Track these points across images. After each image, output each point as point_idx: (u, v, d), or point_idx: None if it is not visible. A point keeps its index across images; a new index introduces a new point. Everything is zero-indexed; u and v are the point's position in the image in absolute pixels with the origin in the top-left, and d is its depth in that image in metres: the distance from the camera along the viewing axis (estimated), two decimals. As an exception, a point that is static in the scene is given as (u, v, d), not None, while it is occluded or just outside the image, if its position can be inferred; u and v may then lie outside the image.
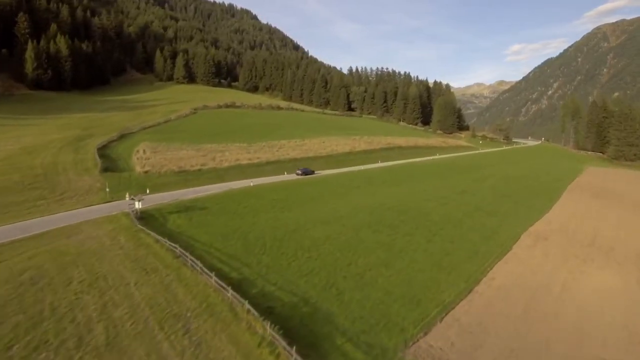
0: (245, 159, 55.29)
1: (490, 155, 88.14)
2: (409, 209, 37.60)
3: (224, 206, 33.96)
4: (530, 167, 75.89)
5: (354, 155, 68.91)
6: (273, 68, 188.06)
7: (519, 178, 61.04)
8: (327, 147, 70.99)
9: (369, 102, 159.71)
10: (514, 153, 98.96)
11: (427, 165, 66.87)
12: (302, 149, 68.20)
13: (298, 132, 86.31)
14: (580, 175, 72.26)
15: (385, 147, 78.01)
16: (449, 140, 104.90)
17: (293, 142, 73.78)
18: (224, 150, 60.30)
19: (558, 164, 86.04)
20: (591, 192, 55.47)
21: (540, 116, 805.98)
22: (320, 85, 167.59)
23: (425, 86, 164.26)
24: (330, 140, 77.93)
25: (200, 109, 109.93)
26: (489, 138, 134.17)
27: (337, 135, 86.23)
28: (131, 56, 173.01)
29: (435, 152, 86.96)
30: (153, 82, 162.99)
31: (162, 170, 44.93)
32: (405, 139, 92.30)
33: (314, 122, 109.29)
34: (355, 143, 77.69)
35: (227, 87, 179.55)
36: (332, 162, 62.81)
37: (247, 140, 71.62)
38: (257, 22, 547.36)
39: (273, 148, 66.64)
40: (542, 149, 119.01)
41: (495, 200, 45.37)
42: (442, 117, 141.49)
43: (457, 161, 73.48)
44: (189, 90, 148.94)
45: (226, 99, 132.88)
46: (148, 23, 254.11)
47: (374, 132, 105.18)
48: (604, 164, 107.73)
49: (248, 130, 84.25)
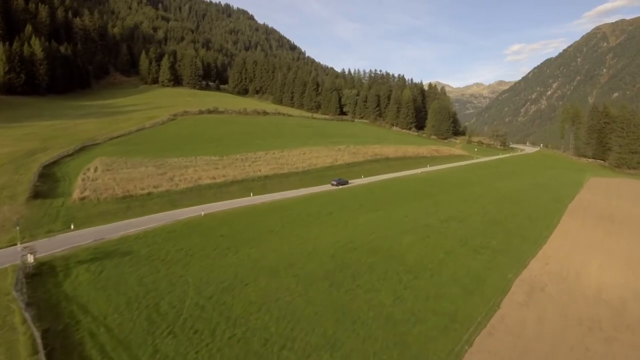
0: (208, 178, 49.50)
1: (484, 167, 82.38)
2: (381, 247, 31.85)
3: (154, 249, 28.20)
4: (526, 181, 70.17)
5: (335, 170, 63.13)
6: (264, 70, 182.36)
7: (513, 197, 55.32)
8: (306, 160, 65.25)
9: (361, 106, 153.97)
10: (510, 163, 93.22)
11: (413, 180, 61.10)
12: (278, 162, 62.46)
13: (279, 142, 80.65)
14: (581, 191, 66.55)
15: (371, 158, 72.28)
16: (441, 148, 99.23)
17: (270, 154, 68.06)
18: (189, 166, 54.54)
19: (557, 177, 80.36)
20: (594, 215, 49.74)
21: (540, 117, 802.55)
22: (312, 89, 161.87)
23: (419, 89, 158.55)
24: (311, 152, 72.23)
25: (180, 115, 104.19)
26: (485, 144, 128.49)
27: (320, 144, 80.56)
28: (115, 58, 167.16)
29: (425, 162, 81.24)
30: (137, 85, 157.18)
31: (102, 195, 39.12)
32: (394, 149, 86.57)
33: (300, 129, 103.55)
34: (338, 155, 71.95)
35: (216, 90, 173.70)
36: (308, 178, 57.08)
37: (220, 152, 65.93)
38: (254, 22, 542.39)
39: (246, 162, 60.90)
40: (541, 157, 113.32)
41: (486, 230, 39.62)
42: (436, 122, 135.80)
43: (447, 175, 67.70)
44: (173, 94, 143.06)
45: (210, 103, 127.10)
46: (137, 24, 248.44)
47: (363, 139, 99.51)
48: (606, 173, 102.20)
49: (225, 140, 78.57)
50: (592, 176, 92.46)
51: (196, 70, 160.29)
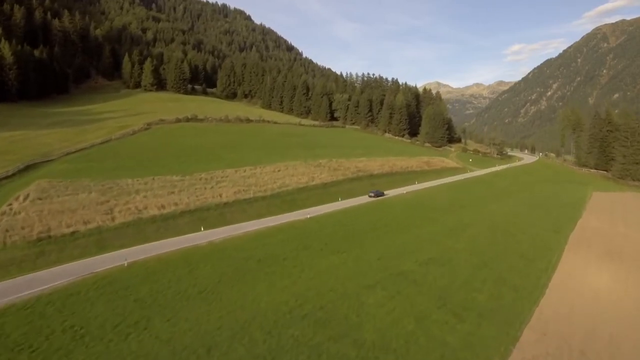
0: (156, 207, 43.05)
1: (478, 184, 75.86)
2: (335, 313, 25.41)
3: (35, 327, 21.78)
4: (523, 201, 63.73)
5: (310, 191, 56.72)
6: (253, 73, 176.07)
7: (507, 226, 48.85)
8: (278, 180, 58.81)
9: (352, 111, 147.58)
10: (506, 178, 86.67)
11: (395, 204, 54.59)
12: (245, 183, 56.03)
13: (255, 155, 74.25)
14: (584, 213, 60.15)
15: (352, 176, 65.81)
16: (433, 160, 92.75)
17: (241, 172, 61.65)
18: (140, 191, 48.10)
19: (557, 194, 73.95)
20: (600, 250, 43.29)
21: (540, 117, 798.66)
22: (301, 93, 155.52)
23: (414, 94, 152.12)
24: (287, 168, 65.80)
25: (155, 124, 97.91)
26: (481, 153, 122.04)
27: (300, 158, 74.13)
28: (98, 61, 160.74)
29: (414, 178, 74.79)
30: (119, 89, 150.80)
31: (12, 238, 32.69)
32: (380, 162, 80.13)
33: (282, 139, 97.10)
34: (316, 172, 65.51)
35: (202, 94, 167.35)
36: (277, 203, 50.66)
37: (184, 170, 59.55)
38: (250, 23, 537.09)
39: (209, 183, 54.47)
40: (540, 169, 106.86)
41: (472, 276, 33.22)
42: (430, 128, 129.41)
43: (435, 196, 61.17)
44: (155, 100, 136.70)
45: (192, 110, 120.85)
46: (126, 24, 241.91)
47: (349, 150, 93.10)
48: (609, 186, 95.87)
49: (195, 154, 72.09)
50: (595, 190, 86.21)
51: (181, 74, 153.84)
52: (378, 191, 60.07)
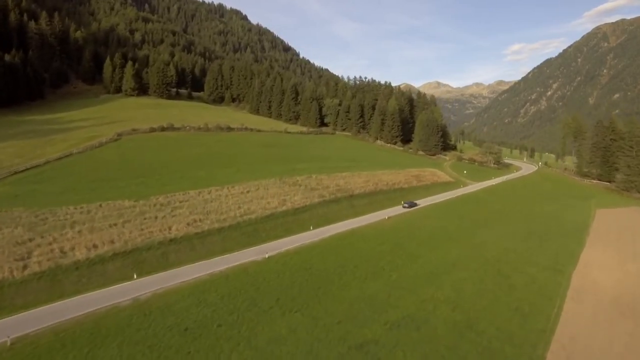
0: (85, 248, 36.45)
1: (469, 204, 68.99)
2: None
3: None
4: (518, 228, 57.01)
5: (278, 219, 50.13)
6: (241, 77, 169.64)
7: (499, 265, 42.19)
8: (243, 205, 52.23)
9: (343, 117, 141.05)
10: (501, 196, 79.86)
11: (370, 237, 47.71)
12: (205, 209, 49.47)
13: (226, 172, 67.69)
14: (587, 241, 53.67)
15: (329, 197, 59.19)
16: (424, 172, 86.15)
17: (204, 194, 55.10)
18: (77, 223, 41.54)
19: (557, 216, 67.33)
20: (608, 297, 36.77)
21: (540, 118, 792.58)
22: (290, 97, 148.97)
23: (407, 98, 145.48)
24: (257, 189, 59.22)
25: (126, 134, 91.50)
26: (477, 162, 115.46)
27: (275, 175, 67.55)
28: (78, 65, 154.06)
29: (401, 197, 68.18)
30: (99, 94, 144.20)
31: None
32: (365, 177, 73.55)
33: (262, 150, 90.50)
34: (290, 193, 58.93)
35: (188, 98, 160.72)
36: (234, 237, 44.06)
37: (140, 193, 53.02)
38: (246, 23, 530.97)
39: (162, 210, 47.89)
40: (539, 181, 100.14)
41: (452, 349, 26.67)
42: (424, 136, 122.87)
43: (419, 224, 54.33)
44: (134, 106, 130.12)
45: (173, 117, 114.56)
46: (114, 26, 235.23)
47: (334, 162, 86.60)
48: (613, 200, 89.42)
49: (159, 172, 65.50)
50: (599, 207, 79.76)
51: (164, 78, 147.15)
52: (411, 202, 65.35)
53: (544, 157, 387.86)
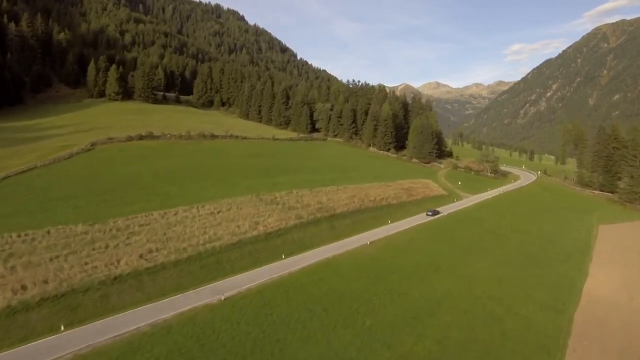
0: (11, 290, 31.31)
1: (463, 223, 63.75)
2: None
3: None
4: (515, 254, 51.99)
5: (246, 247, 45.03)
6: (231, 80, 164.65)
7: (491, 304, 37.14)
8: (211, 228, 47.21)
9: (335, 122, 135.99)
10: (497, 211, 74.68)
11: (346, 270, 42.35)
12: (166, 235, 44.44)
13: (199, 188, 62.60)
14: (590, 268, 48.71)
15: (309, 218, 54.07)
16: (416, 184, 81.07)
17: (170, 215, 50.02)
18: (14, 256, 36.47)
19: (557, 235, 62.36)
20: (616, 345, 31.82)
21: (539, 119, 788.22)
22: (281, 102, 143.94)
23: (401, 103, 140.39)
24: (231, 208, 54.17)
25: (101, 143, 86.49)
26: (473, 171, 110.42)
27: (254, 190, 62.52)
28: (62, 68, 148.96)
29: (388, 216, 63.09)
30: (82, 99, 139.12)
31: None
32: (351, 192, 68.52)
33: (244, 161, 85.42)
34: (265, 212, 53.90)
35: (175, 102, 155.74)
36: (193, 270, 38.98)
37: (98, 214, 48.04)
38: (243, 24, 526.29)
39: (118, 236, 42.88)
40: (538, 193, 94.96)
41: None
42: (418, 143, 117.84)
43: (404, 250, 49.11)
44: (117, 111, 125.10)
45: (156, 122, 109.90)
46: (104, 27, 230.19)
47: (319, 174, 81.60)
48: (616, 213, 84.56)
49: (125, 188, 60.29)
50: (601, 222, 74.92)
51: (150, 82, 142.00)
52: (434, 210, 67.94)
53: (543, 159, 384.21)
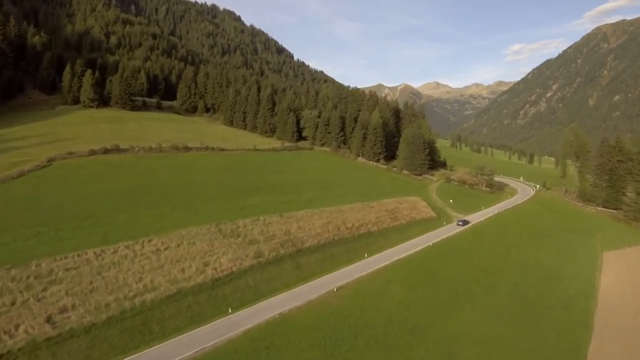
0: None
1: (449, 256, 56.09)
2: None
3: None
4: (507, 302, 44.60)
5: (186, 298, 37.75)
6: (216, 84, 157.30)
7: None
8: (148, 274, 39.96)
9: (322, 130, 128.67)
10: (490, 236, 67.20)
11: (304, 330, 35.03)
12: (91, 285, 37.14)
13: (154, 215, 55.35)
14: (595, 317, 41.50)
15: (270, 256, 46.71)
16: (402, 206, 73.62)
17: (104, 257, 42.58)
18: None
19: (556, 271, 55.09)
20: None
21: (539, 119, 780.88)
22: (266, 108, 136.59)
23: (393, 110, 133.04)
24: (181, 244, 46.85)
25: (60, 159, 79.34)
26: (467, 184, 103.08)
27: (215, 219, 55.27)
28: (37, 73, 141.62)
29: (366, 246, 55.84)
30: (56, 105, 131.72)
31: None
32: (327, 217, 61.21)
33: (217, 177, 78.13)
34: (220, 250, 46.57)
35: (157, 109, 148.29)
36: (112, 337, 31.70)
37: (19, 256, 40.92)
38: (239, 24, 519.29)
39: (31, 289, 35.71)
40: (537, 211, 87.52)
41: None
42: (409, 153, 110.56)
43: (372, 304, 41.26)
44: (88, 120, 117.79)
45: (131, 132, 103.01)
46: (89, 28, 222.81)
47: (296, 192, 74.37)
48: (621, 234, 77.39)
49: (65, 217, 52.84)
50: (606, 248, 67.76)
51: (128, 87, 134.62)
52: (465, 220, 72.23)
53: (543, 162, 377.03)
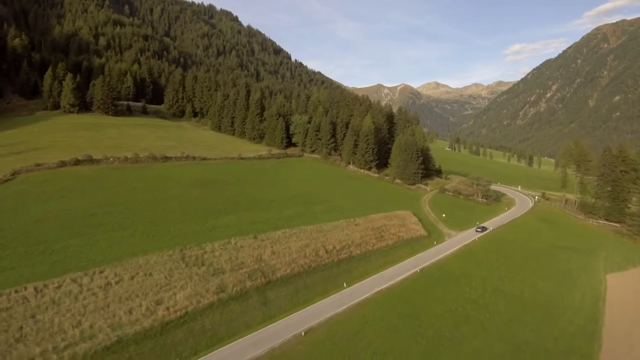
0: None
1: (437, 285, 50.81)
2: None
3: None
4: (499, 346, 39.35)
5: (128, 348, 32.57)
6: (205, 88, 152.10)
7: None
8: (87, 319, 34.73)
9: (313, 136, 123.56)
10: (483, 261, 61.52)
11: None
12: (17, 334, 31.97)
13: (112, 239, 50.11)
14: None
15: (234, 292, 41.46)
16: (390, 223, 68.37)
17: (45, 294, 37.46)
18: None
19: (555, 296, 49.92)
20: None
21: (539, 120, 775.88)
22: (255, 113, 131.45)
23: (386, 115, 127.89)
24: (135, 275, 41.64)
25: (26, 171, 74.26)
26: (462, 195, 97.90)
27: (179, 242, 50.19)
28: (16, 77, 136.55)
29: (346, 273, 50.69)
30: (36, 111, 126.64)
31: None
32: (306, 239, 56.05)
33: (191, 191, 72.89)
34: (177, 284, 41.37)
35: (142, 113, 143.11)
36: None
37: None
38: (236, 25, 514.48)
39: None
40: (535, 226, 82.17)
41: None
42: (402, 162, 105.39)
43: (345, 347, 36.16)
44: (66, 127, 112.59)
45: (110, 139, 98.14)
46: (77, 30, 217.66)
47: (276, 209, 69.18)
48: (626, 251, 72.27)
49: (11, 244, 47.46)
50: (609, 268, 62.64)
51: (110, 92, 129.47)
52: (483, 227, 73.55)
53: (543, 163, 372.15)
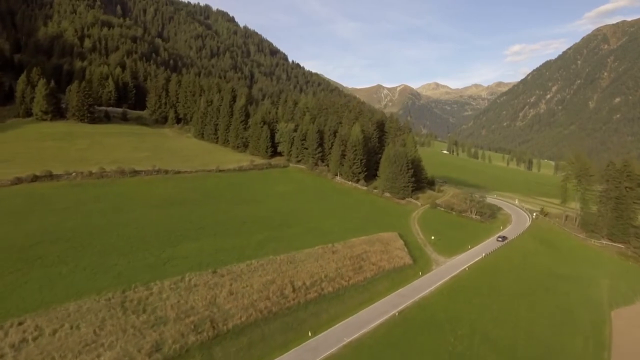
0: None
1: (417, 334, 43.52)
2: None
3: None
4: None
5: None
6: (188, 93, 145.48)
7: None
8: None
9: (299, 145, 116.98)
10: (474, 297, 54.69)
11: None
12: None
13: (42, 280, 43.35)
14: None
15: (171, 352, 34.88)
16: (371, 249, 61.66)
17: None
18: None
19: (553, 344, 43.35)
20: None
21: (538, 121, 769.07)
22: (239, 120, 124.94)
23: (376, 123, 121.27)
24: (60, 328, 34.82)
25: (-25, 190, 67.31)
26: (455, 211, 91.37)
27: (125, 279, 43.60)
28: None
29: (312, 319, 44.11)
30: (7, 119, 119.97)
31: None
32: (273, 273, 49.42)
33: (155, 212, 66.18)
34: (107, 340, 34.70)
35: (122, 120, 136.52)
36: None
37: None
38: (232, 25, 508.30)
39: None
40: (533, 250, 75.58)
41: None
42: (391, 174, 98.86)
43: None
44: (35, 136, 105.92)
45: (80, 149, 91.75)
46: (62, 31, 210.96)
47: (247, 234, 62.59)
48: (631, 278, 65.71)
49: None
50: (615, 303, 56.15)
51: (86, 98, 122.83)
52: (504, 236, 75.89)
53: (542, 167, 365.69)
